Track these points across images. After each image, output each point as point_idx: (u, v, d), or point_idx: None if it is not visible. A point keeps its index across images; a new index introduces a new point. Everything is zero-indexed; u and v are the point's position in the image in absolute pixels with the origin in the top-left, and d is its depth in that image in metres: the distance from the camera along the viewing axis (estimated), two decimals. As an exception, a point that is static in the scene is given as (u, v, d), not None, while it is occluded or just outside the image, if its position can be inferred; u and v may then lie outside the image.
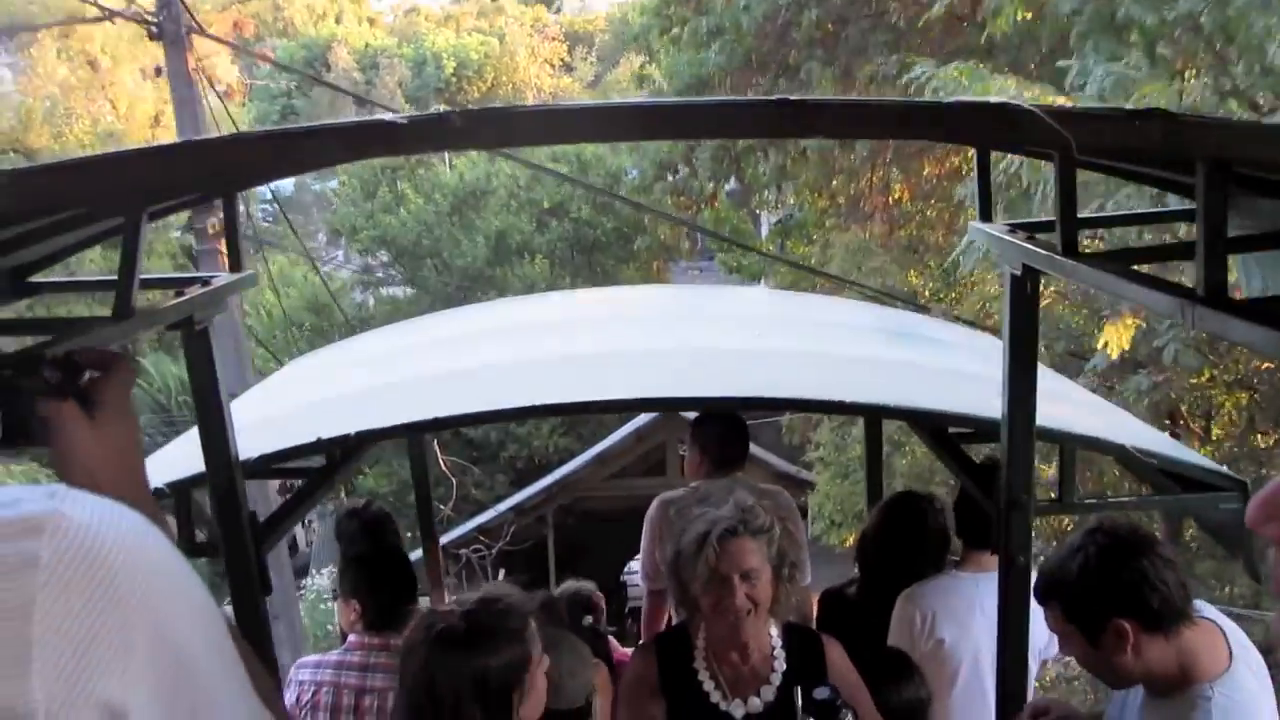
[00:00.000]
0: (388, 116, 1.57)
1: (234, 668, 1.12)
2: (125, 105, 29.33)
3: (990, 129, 2.13)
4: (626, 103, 2.38)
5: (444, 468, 13.19)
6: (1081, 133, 1.58)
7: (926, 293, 15.22)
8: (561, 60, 49.62)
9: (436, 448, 11.26)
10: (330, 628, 15.18)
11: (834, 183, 16.17)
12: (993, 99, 2.64)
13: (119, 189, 2.35)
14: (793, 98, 1.47)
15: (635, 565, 14.85)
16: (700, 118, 1.93)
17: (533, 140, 3.41)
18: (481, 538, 15.48)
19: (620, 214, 29.67)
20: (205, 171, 2.59)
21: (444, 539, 11.06)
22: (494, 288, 26.90)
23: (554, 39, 49.88)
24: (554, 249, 28.95)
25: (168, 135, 25.87)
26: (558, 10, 57.82)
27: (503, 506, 16.93)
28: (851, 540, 4.61)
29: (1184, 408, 10.82)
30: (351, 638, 3.82)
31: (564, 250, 29.32)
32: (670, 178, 18.34)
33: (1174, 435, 8.78)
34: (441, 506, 12.60)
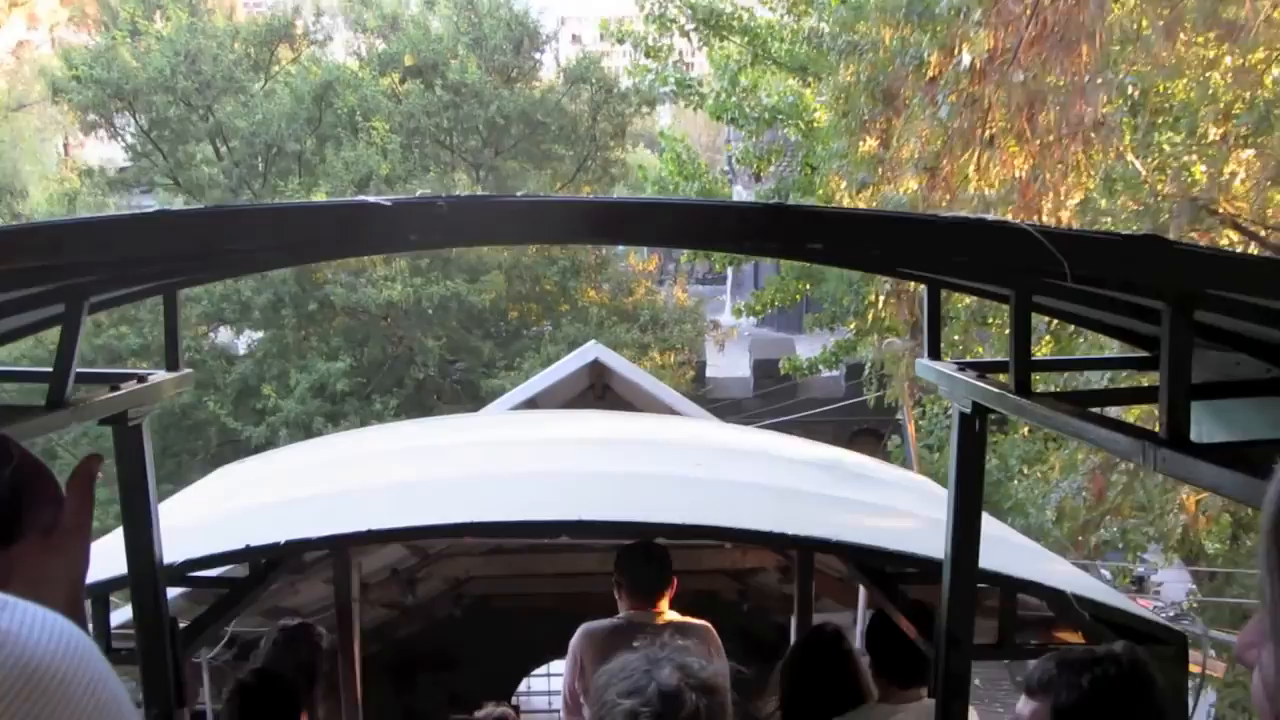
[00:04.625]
0: (369, 199, 1.54)
1: None
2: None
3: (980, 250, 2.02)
4: (625, 201, 2.37)
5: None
6: (1077, 258, 1.58)
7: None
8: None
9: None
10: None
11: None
12: (989, 216, 2.66)
13: (60, 265, 2.26)
14: (789, 204, 1.46)
15: (539, 684, 13.60)
16: (694, 221, 1.90)
17: (519, 238, 3.40)
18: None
19: (529, 93, 19.68)
20: (149, 252, 2.46)
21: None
22: (308, 172, 18.19)
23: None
24: (413, 124, 18.98)
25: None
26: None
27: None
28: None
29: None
30: None
31: (431, 129, 19.30)
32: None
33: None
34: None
